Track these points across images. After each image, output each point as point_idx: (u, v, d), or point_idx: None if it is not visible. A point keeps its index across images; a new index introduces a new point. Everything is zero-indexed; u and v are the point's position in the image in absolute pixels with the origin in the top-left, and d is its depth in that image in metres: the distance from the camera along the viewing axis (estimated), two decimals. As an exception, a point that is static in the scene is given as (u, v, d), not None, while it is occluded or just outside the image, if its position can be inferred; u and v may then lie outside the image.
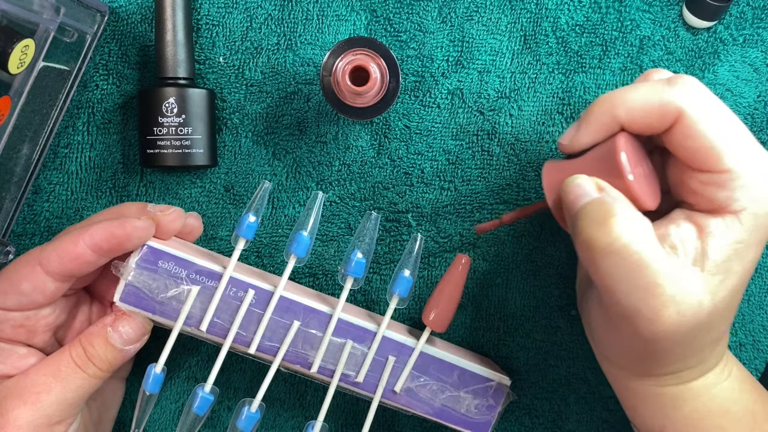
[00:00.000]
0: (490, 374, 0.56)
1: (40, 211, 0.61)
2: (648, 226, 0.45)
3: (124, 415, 0.63)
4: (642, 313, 0.44)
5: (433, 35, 0.60)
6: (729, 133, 0.45)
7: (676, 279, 0.44)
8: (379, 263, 0.62)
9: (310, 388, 0.63)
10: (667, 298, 0.43)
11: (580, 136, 0.50)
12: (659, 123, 0.46)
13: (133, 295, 0.52)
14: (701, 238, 0.45)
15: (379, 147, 0.61)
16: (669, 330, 0.44)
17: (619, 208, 0.45)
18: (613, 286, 0.45)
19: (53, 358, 0.52)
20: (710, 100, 0.46)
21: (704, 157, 0.45)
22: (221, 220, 0.62)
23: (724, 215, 0.45)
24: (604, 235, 0.44)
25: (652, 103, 0.46)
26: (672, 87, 0.46)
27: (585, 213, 0.46)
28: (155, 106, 0.57)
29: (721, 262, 0.45)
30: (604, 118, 0.48)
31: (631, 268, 0.43)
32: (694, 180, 0.46)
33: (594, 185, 0.47)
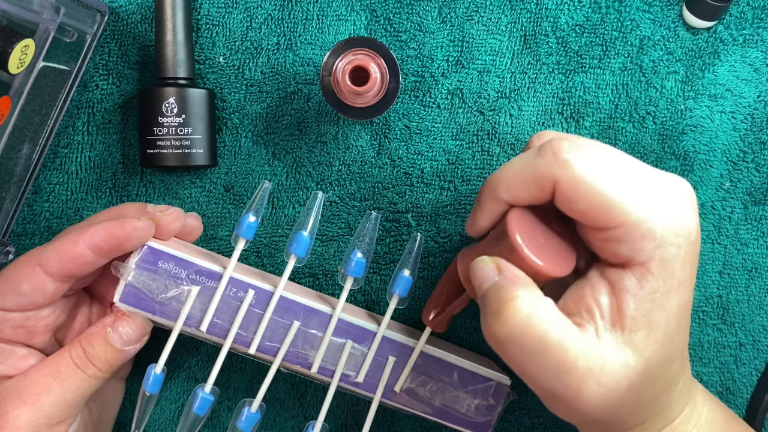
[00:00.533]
0: (490, 374, 0.56)
1: (40, 211, 0.61)
2: (548, 304, 0.44)
3: (124, 416, 0.63)
4: (563, 395, 0.43)
5: (433, 35, 0.60)
6: (616, 184, 0.43)
7: (589, 351, 0.42)
8: (379, 263, 0.62)
9: (310, 388, 0.63)
10: (583, 374, 0.42)
11: (476, 221, 0.50)
12: (542, 194, 0.45)
13: (133, 295, 0.52)
14: (616, 297, 0.44)
15: (379, 147, 0.61)
16: (596, 402, 0.43)
17: (516, 293, 0.43)
18: (527, 372, 0.44)
19: (53, 358, 0.52)
20: (584, 157, 0.44)
21: (595, 217, 0.43)
22: (221, 220, 0.62)
23: (633, 268, 0.43)
24: (501, 325, 0.43)
25: (526, 178, 0.45)
26: (541, 157, 0.44)
27: (485, 300, 0.45)
28: (155, 106, 0.57)
29: (639, 318, 0.43)
30: (491, 201, 0.48)
31: (536, 352, 0.42)
32: (594, 238, 0.45)
33: (494, 267, 0.46)
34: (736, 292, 0.62)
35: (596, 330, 0.43)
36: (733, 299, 0.62)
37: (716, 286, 0.62)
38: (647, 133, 0.61)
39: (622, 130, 0.61)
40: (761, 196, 0.61)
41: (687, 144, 0.60)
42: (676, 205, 0.44)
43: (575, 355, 0.42)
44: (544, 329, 0.42)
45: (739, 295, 0.62)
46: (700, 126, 0.60)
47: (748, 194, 0.61)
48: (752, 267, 0.62)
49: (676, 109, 0.60)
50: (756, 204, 0.61)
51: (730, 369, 0.62)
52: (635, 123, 0.60)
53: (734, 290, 0.62)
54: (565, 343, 0.42)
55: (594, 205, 0.43)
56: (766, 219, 0.61)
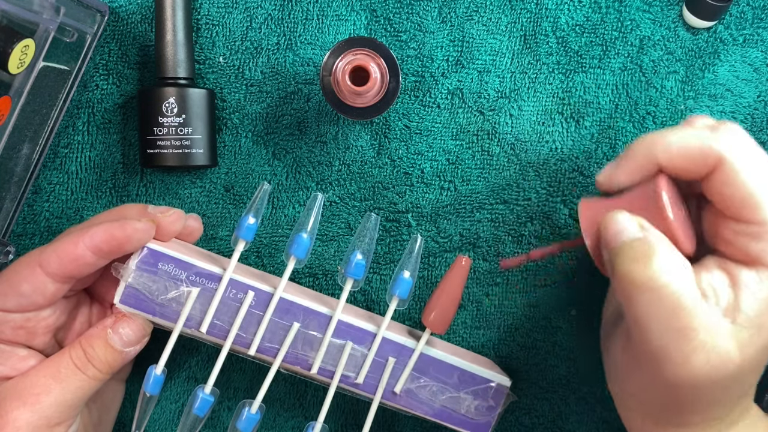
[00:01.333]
0: (490, 375, 0.56)
1: (40, 211, 0.61)
2: (688, 269, 0.44)
3: (125, 416, 0.63)
4: (671, 356, 0.43)
5: (433, 35, 0.60)
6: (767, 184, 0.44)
7: (710, 326, 0.43)
8: (379, 263, 0.62)
9: (310, 388, 0.63)
10: (699, 344, 0.43)
11: (618, 174, 0.50)
12: (699, 168, 0.46)
13: (133, 296, 0.52)
14: (734, 289, 0.44)
15: (379, 147, 0.61)
16: (695, 377, 0.43)
17: (660, 248, 0.44)
18: (647, 325, 0.44)
19: (53, 359, 0.52)
20: (752, 150, 0.45)
21: (741, 207, 0.44)
22: (221, 220, 0.62)
23: (757, 268, 0.44)
24: (644, 272, 0.43)
25: (693, 148, 0.46)
26: (715, 133, 0.45)
27: (626, 249, 0.45)
28: (155, 106, 0.57)
29: (753, 317, 0.43)
30: (644, 159, 0.48)
31: (667, 309, 0.43)
32: (728, 229, 0.46)
33: (636, 223, 0.47)
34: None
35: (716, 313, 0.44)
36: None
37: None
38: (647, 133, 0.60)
39: (622, 130, 0.60)
40: (761, 196, 0.61)
41: (687, 144, 0.60)
42: None
43: (699, 325, 0.43)
44: (681, 289, 0.43)
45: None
46: (701, 126, 0.60)
47: (748, 194, 0.61)
48: (752, 267, 0.62)
49: (676, 109, 0.60)
50: (756, 204, 0.61)
51: (729, 369, 0.62)
52: (635, 123, 0.60)
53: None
54: (696, 310, 0.43)
55: (747, 195, 0.44)
56: (766, 219, 0.61)
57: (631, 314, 0.45)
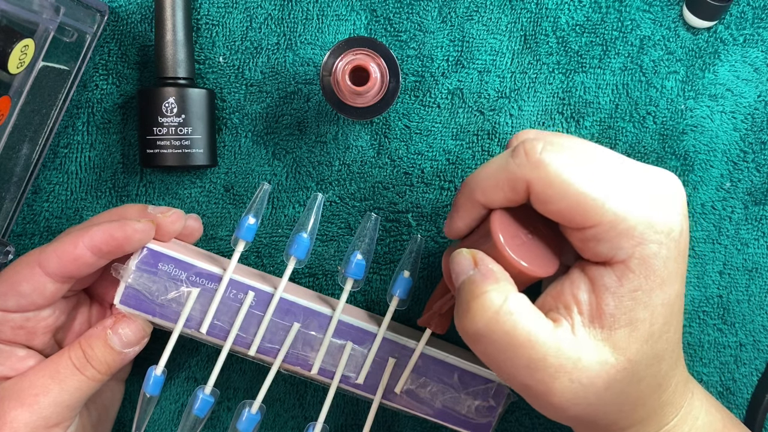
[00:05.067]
0: (490, 375, 0.56)
1: (40, 211, 0.61)
2: (520, 300, 0.43)
3: (125, 416, 0.63)
4: (533, 389, 0.43)
5: (433, 35, 0.60)
6: (591, 182, 0.42)
7: (561, 347, 0.42)
8: (379, 263, 0.62)
9: (310, 388, 0.63)
10: (554, 370, 0.42)
11: (454, 223, 0.50)
12: (517, 195, 0.45)
13: (133, 297, 0.52)
14: (595, 293, 0.43)
15: (379, 147, 0.61)
16: (569, 398, 0.42)
17: (487, 288, 0.43)
18: (496, 368, 0.44)
19: (52, 360, 0.52)
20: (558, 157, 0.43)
21: (572, 217, 0.43)
22: (221, 220, 0.61)
23: (614, 266, 0.43)
24: (469, 321, 0.43)
25: (500, 181, 0.45)
26: (514, 158, 0.44)
27: (459, 294, 0.45)
28: (155, 106, 0.57)
29: (619, 315, 0.43)
30: (468, 204, 0.48)
31: (505, 349, 0.42)
32: (574, 237, 0.44)
33: (470, 259, 0.46)
34: (736, 292, 0.62)
35: (572, 326, 0.43)
36: (733, 299, 0.62)
37: (716, 286, 0.62)
38: (647, 133, 0.61)
39: (623, 130, 0.60)
40: (762, 196, 0.61)
41: (687, 144, 0.60)
42: (657, 201, 0.43)
43: (545, 351, 0.42)
44: (512, 325, 0.42)
45: (739, 295, 0.62)
46: (701, 126, 0.60)
47: (749, 194, 0.61)
48: (752, 267, 0.62)
49: (676, 109, 0.60)
50: (756, 204, 0.61)
51: (730, 369, 0.62)
52: (635, 123, 0.60)
53: (735, 290, 0.62)
54: (535, 338, 0.42)
55: (570, 204, 0.42)
56: (766, 219, 0.61)
57: (484, 362, 0.45)
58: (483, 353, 0.44)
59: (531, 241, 0.47)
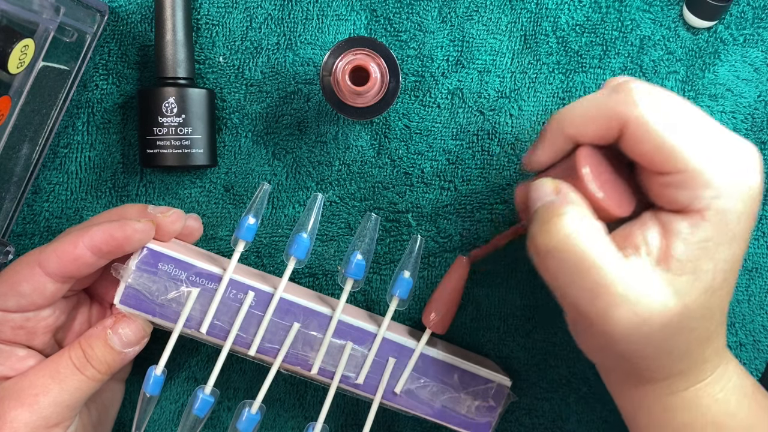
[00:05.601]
0: (490, 375, 0.56)
1: (40, 211, 0.61)
2: (596, 227, 0.44)
3: (125, 416, 0.63)
4: (590, 315, 0.43)
5: (433, 35, 0.60)
6: (681, 132, 0.43)
7: (629, 279, 0.42)
8: (379, 263, 0.62)
9: (310, 388, 0.63)
10: (616, 298, 0.42)
11: (537, 155, 0.50)
12: (608, 133, 0.45)
13: (133, 297, 0.52)
14: (666, 238, 0.44)
15: (379, 147, 0.61)
16: (624, 331, 0.43)
17: (566, 209, 0.44)
18: (561, 289, 0.44)
19: (52, 360, 0.52)
20: (656, 101, 0.44)
21: (658, 160, 0.44)
22: (221, 220, 0.61)
23: (689, 215, 0.43)
24: (546, 235, 0.44)
25: (595, 115, 0.45)
26: (615, 94, 0.45)
27: (536, 215, 0.45)
28: (155, 106, 0.57)
29: (686, 262, 0.43)
30: (556, 136, 0.48)
31: (574, 269, 0.43)
32: (655, 183, 0.45)
33: (552, 187, 0.46)
34: (736, 292, 0.62)
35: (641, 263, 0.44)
36: (733, 299, 0.62)
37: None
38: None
39: (623, 130, 0.60)
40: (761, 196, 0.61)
41: (687, 144, 0.60)
42: (739, 161, 0.44)
43: (612, 279, 0.42)
44: (585, 247, 0.43)
45: (739, 295, 0.62)
46: (701, 126, 0.60)
47: (749, 194, 0.61)
48: (752, 267, 0.62)
49: (676, 109, 0.60)
50: (756, 204, 0.61)
51: (730, 369, 0.62)
52: (635, 123, 0.60)
53: (735, 290, 0.62)
54: (605, 265, 0.42)
55: (659, 147, 0.43)
56: (766, 219, 0.61)
57: (546, 279, 0.45)
58: (551, 271, 0.44)
59: (613, 180, 0.48)
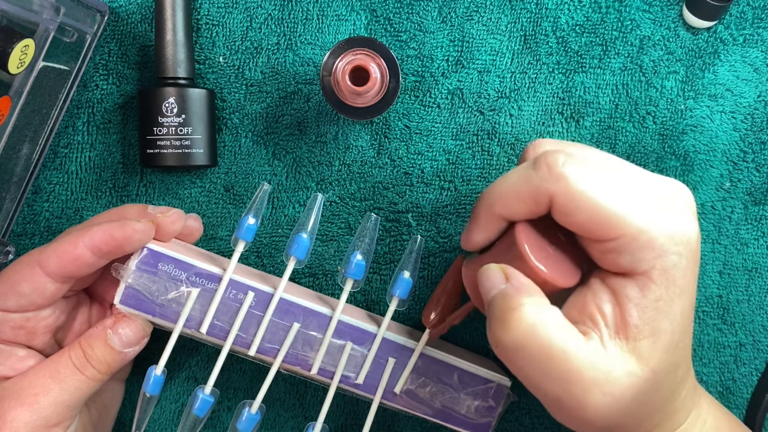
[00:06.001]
0: (490, 375, 0.56)
1: (40, 211, 0.61)
2: (555, 313, 0.44)
3: (125, 416, 0.63)
4: (566, 403, 0.43)
5: (433, 35, 0.60)
6: (610, 196, 0.43)
7: (594, 360, 0.42)
8: (379, 263, 0.62)
9: (310, 388, 0.63)
10: (588, 383, 0.42)
11: (472, 236, 0.50)
12: (539, 208, 0.45)
13: (133, 297, 0.52)
14: (618, 305, 0.44)
15: (379, 147, 0.61)
16: (601, 412, 0.43)
17: (522, 301, 0.44)
18: (531, 380, 0.44)
19: (52, 359, 0.52)
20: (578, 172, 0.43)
21: (593, 229, 0.43)
22: (221, 220, 0.61)
23: (635, 277, 0.43)
24: (506, 332, 0.43)
25: (522, 193, 0.45)
26: (536, 171, 0.44)
27: (492, 307, 0.45)
28: (155, 106, 0.57)
29: (643, 326, 0.43)
30: (487, 216, 0.48)
31: (542, 361, 0.42)
32: (595, 250, 0.45)
33: (501, 274, 0.46)
34: (736, 292, 0.62)
35: (601, 339, 0.43)
36: (733, 299, 0.62)
37: (716, 286, 0.62)
38: (647, 133, 0.61)
39: (622, 130, 0.60)
40: (761, 196, 0.61)
41: (687, 144, 0.60)
42: (676, 212, 0.44)
43: (580, 364, 0.42)
44: (548, 338, 0.42)
45: (739, 295, 0.62)
46: (701, 126, 0.60)
47: (749, 194, 0.61)
48: (752, 267, 0.62)
49: (676, 109, 0.60)
50: (756, 204, 0.61)
51: (730, 369, 0.62)
52: (635, 123, 0.60)
53: (734, 290, 0.62)
54: (570, 352, 0.42)
55: (592, 217, 0.43)
56: (766, 219, 0.61)
57: (514, 372, 0.45)
58: (517, 365, 0.44)
59: (555, 253, 0.47)
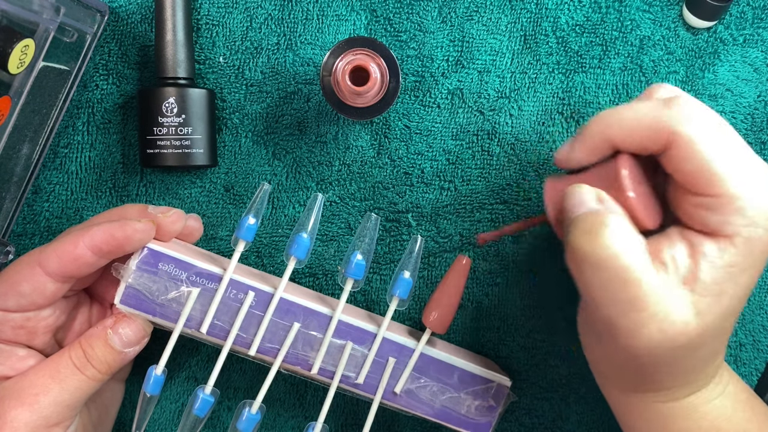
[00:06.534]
0: (490, 375, 0.56)
1: (40, 211, 0.61)
2: (640, 242, 0.45)
3: (125, 416, 0.63)
4: (622, 327, 0.44)
5: (433, 35, 0.60)
6: (724, 156, 0.44)
7: (662, 297, 0.43)
8: (379, 263, 0.62)
9: (310, 388, 0.63)
10: (649, 315, 0.43)
11: (574, 153, 0.50)
12: (653, 145, 0.46)
13: (134, 297, 0.52)
14: (693, 258, 0.45)
15: (379, 147, 0.61)
16: (649, 346, 0.44)
17: (612, 220, 0.44)
18: (597, 297, 0.44)
19: (52, 359, 0.52)
20: (706, 123, 0.45)
21: (697, 181, 0.44)
22: (221, 220, 0.61)
23: (717, 238, 0.44)
24: (591, 244, 0.44)
25: (645, 125, 0.46)
26: (668, 108, 0.45)
27: (579, 221, 0.46)
28: (155, 106, 0.57)
29: (711, 284, 0.44)
30: (598, 137, 0.48)
31: (616, 281, 0.43)
32: (688, 202, 0.46)
33: (595, 195, 0.47)
34: (735, 292, 0.62)
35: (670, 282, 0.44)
36: (732, 299, 0.62)
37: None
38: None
39: (623, 130, 0.60)
40: (761, 196, 0.61)
41: (687, 144, 0.60)
42: None
43: (648, 295, 0.43)
44: (630, 261, 0.43)
45: (738, 295, 0.62)
46: (701, 126, 0.60)
47: (748, 194, 0.61)
48: (752, 267, 0.62)
49: (676, 109, 0.60)
50: (756, 204, 0.61)
51: (729, 369, 0.62)
52: (635, 123, 0.60)
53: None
54: (644, 281, 0.43)
55: (702, 168, 0.44)
56: (766, 219, 0.61)
57: (582, 285, 0.45)
58: (588, 280, 0.45)
59: (646, 192, 0.48)
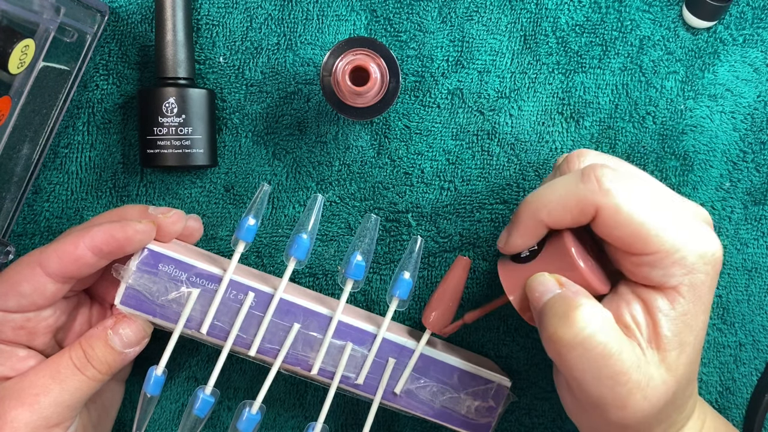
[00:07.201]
0: (490, 375, 0.56)
1: (40, 211, 0.61)
2: (608, 316, 0.46)
3: (125, 416, 0.63)
4: (610, 402, 0.45)
5: (433, 35, 0.60)
6: (651, 214, 0.45)
7: (639, 364, 0.45)
8: (379, 263, 0.62)
9: (310, 388, 0.63)
10: (633, 386, 0.45)
11: (512, 239, 0.51)
12: (583, 218, 0.47)
13: (134, 298, 0.52)
14: (650, 315, 0.46)
15: (379, 147, 0.61)
16: (638, 415, 0.46)
17: (580, 301, 0.46)
18: (580, 377, 0.46)
19: (52, 360, 0.52)
20: (625, 188, 0.46)
21: (632, 243, 0.46)
22: (221, 220, 0.61)
23: (665, 291, 0.46)
24: (568, 329, 0.45)
25: (570, 204, 0.47)
26: (585, 183, 0.47)
27: (549, 307, 0.47)
28: (155, 106, 0.57)
29: (672, 337, 0.46)
30: (530, 222, 0.50)
31: (597, 359, 0.45)
32: (628, 262, 0.47)
33: (555, 281, 0.48)
34: (736, 292, 0.62)
35: (640, 346, 0.46)
36: (733, 299, 0.62)
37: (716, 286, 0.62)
38: (647, 133, 0.61)
39: (622, 130, 0.60)
40: (761, 196, 0.61)
41: (687, 144, 0.60)
42: (704, 232, 0.47)
43: (629, 367, 0.45)
44: (606, 338, 0.45)
45: (739, 295, 0.62)
46: (700, 126, 0.60)
47: (748, 194, 0.61)
48: (752, 267, 0.62)
49: (676, 109, 0.60)
50: (756, 204, 0.61)
51: (730, 369, 0.62)
52: (635, 123, 0.60)
53: (734, 290, 0.62)
54: (624, 354, 0.45)
55: (633, 232, 0.45)
56: (766, 219, 0.61)
57: (565, 370, 0.46)
58: (569, 362, 0.46)
59: (593, 261, 0.50)
